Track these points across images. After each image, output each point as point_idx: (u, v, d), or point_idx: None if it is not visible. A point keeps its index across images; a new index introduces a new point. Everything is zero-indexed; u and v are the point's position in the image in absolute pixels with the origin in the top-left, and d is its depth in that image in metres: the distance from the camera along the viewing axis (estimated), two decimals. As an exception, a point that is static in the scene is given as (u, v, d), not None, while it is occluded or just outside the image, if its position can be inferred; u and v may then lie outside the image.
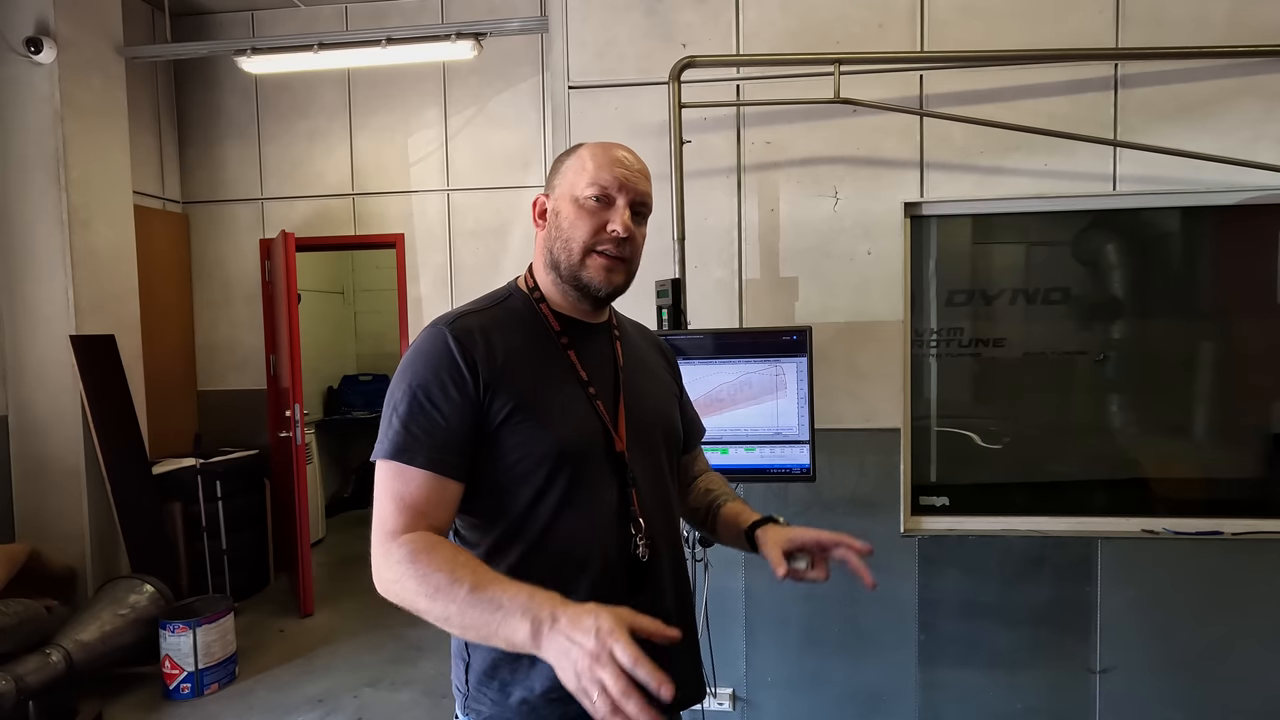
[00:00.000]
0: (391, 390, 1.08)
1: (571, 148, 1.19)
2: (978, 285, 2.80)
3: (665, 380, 1.34)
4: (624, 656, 0.76)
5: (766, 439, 2.19)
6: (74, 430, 3.72)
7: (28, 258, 3.71)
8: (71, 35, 3.73)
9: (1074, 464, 2.83)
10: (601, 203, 1.12)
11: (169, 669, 3.32)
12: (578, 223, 1.12)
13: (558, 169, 1.18)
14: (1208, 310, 2.77)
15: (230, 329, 4.89)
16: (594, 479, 1.10)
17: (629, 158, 1.16)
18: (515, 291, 1.20)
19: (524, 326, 1.15)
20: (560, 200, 1.15)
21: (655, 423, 1.23)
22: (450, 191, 4.64)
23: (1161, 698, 2.56)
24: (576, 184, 1.13)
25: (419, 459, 1.02)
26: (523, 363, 1.10)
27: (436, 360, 1.06)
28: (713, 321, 2.67)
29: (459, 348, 1.06)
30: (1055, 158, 2.53)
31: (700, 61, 2.50)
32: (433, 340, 1.08)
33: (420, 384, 1.05)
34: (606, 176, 1.12)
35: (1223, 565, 2.53)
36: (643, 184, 1.15)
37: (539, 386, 1.10)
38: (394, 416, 1.05)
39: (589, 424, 1.12)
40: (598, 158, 1.14)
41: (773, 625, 2.71)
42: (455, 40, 3.78)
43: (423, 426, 1.03)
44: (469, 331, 1.08)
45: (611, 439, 1.13)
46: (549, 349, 1.14)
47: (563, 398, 1.11)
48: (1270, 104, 2.46)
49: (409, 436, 1.02)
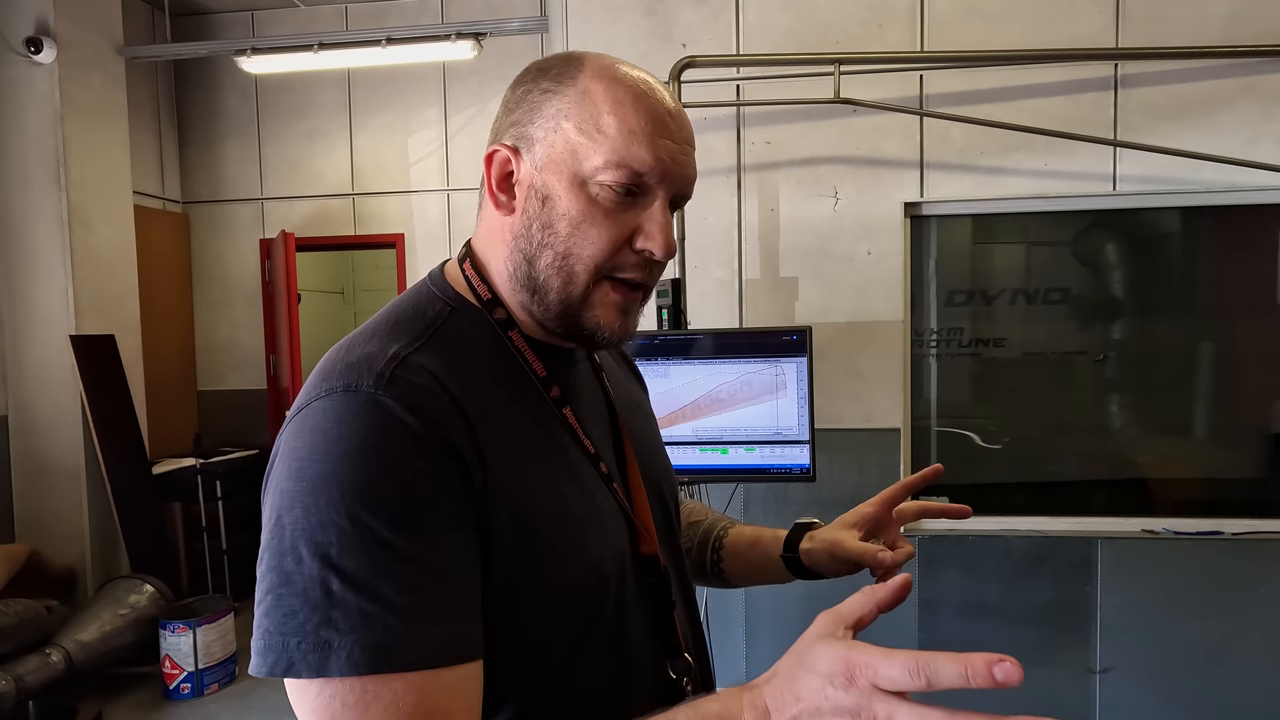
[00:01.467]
0: (295, 533, 0.56)
1: (560, 62, 0.69)
2: (978, 285, 2.80)
3: (648, 409, 0.94)
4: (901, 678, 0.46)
5: (766, 439, 2.19)
6: (74, 430, 3.72)
7: (28, 258, 3.71)
8: (71, 35, 3.73)
9: (1074, 464, 2.83)
10: (631, 196, 0.67)
11: (169, 669, 3.32)
12: (588, 228, 0.66)
13: (538, 105, 0.68)
14: (1208, 310, 2.76)
15: (230, 329, 4.89)
16: (629, 612, 0.71)
17: (673, 112, 0.69)
18: (457, 305, 0.71)
19: (491, 375, 0.68)
20: (553, 175, 0.67)
21: (666, 489, 0.86)
22: (450, 191, 4.64)
23: (1161, 698, 2.56)
24: (586, 152, 0.65)
25: (431, 649, 0.55)
26: (513, 447, 0.65)
27: (392, 452, 0.57)
28: (713, 321, 2.67)
29: (426, 426, 0.59)
30: (1055, 158, 2.53)
31: (700, 61, 2.50)
32: (370, 418, 0.58)
33: (377, 509, 0.56)
34: (644, 153, 0.65)
35: (1223, 565, 2.53)
36: (693, 164, 0.71)
37: (547, 484, 0.67)
38: (335, 586, 0.54)
39: (612, 526, 0.72)
40: (625, 110, 0.65)
41: (773, 625, 2.71)
42: (455, 40, 3.78)
43: (415, 587, 0.56)
44: (429, 398, 0.60)
45: (637, 538, 0.74)
46: (536, 413, 0.70)
47: (581, 496, 0.70)
48: (1270, 104, 2.46)
49: (394, 617, 0.54)
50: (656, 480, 0.83)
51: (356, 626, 0.54)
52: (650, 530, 0.75)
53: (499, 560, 0.62)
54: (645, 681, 0.72)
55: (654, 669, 0.73)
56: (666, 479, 0.87)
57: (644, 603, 0.73)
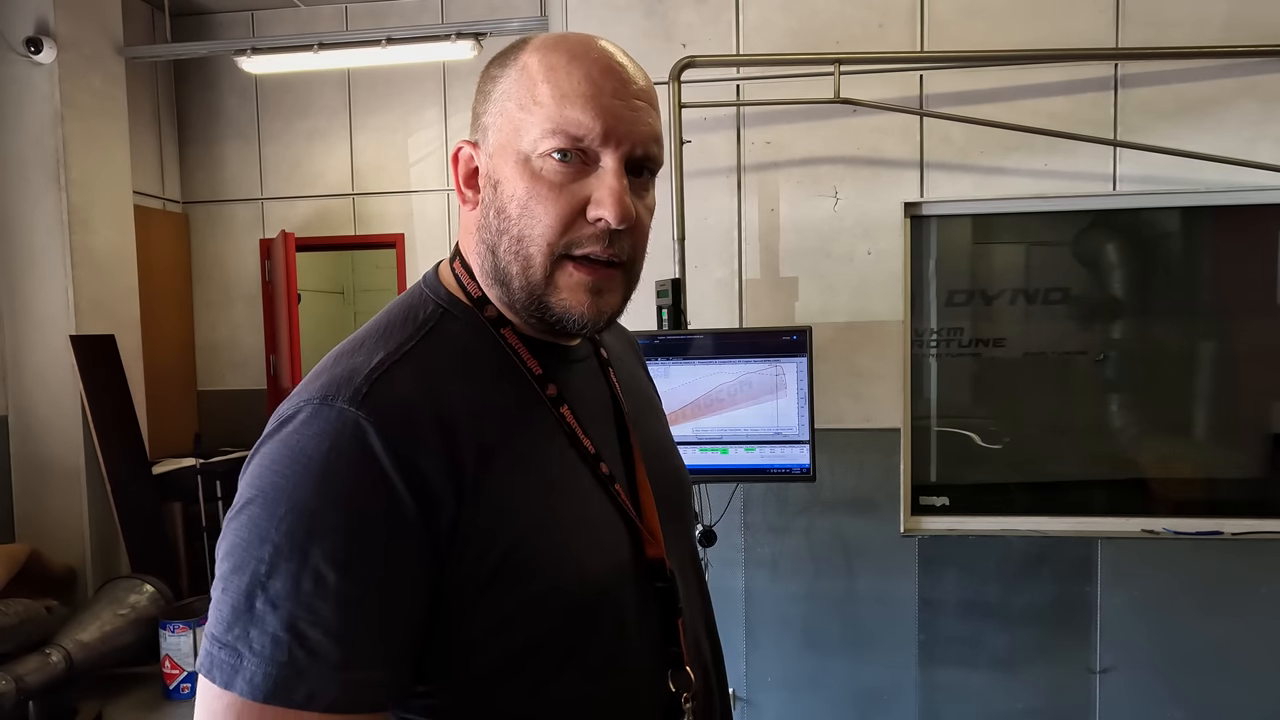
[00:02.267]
0: (243, 540, 0.56)
1: (510, 47, 0.67)
2: (978, 285, 2.80)
3: (660, 408, 0.90)
4: None
5: (766, 439, 2.19)
6: (74, 430, 3.72)
7: (28, 258, 3.71)
8: (71, 35, 3.73)
9: (1074, 464, 2.83)
10: (574, 162, 0.62)
11: (169, 669, 3.32)
12: (534, 205, 0.63)
13: (488, 93, 0.67)
14: (1208, 310, 2.76)
15: (230, 329, 4.89)
16: (627, 624, 0.68)
17: (621, 67, 0.64)
18: (449, 306, 0.69)
19: (484, 377, 0.66)
20: (500, 160, 0.64)
21: (677, 491, 0.82)
22: (450, 191, 4.64)
23: (1161, 698, 2.56)
24: (527, 127, 0.63)
25: (332, 694, 0.54)
26: (503, 455, 0.63)
27: (348, 483, 0.56)
28: (713, 321, 2.67)
29: (392, 454, 0.56)
30: (1055, 158, 2.53)
31: (700, 61, 2.50)
32: (336, 440, 0.56)
33: (319, 539, 0.54)
34: (579, 113, 0.61)
35: (1223, 565, 2.53)
36: (648, 119, 0.64)
37: (537, 495, 0.64)
38: (259, 603, 0.54)
39: (614, 536, 0.69)
40: (558, 74, 0.62)
41: (773, 625, 2.71)
42: (455, 40, 3.78)
43: (332, 628, 0.54)
44: (406, 415, 0.59)
45: (641, 544, 0.71)
46: (531, 414, 0.67)
47: (574, 503, 0.67)
48: (1270, 104, 2.46)
49: (302, 652, 0.53)
50: (667, 482, 0.80)
51: (266, 650, 0.53)
52: (656, 533, 0.72)
53: (475, 581, 0.60)
54: (645, 694, 0.70)
55: (655, 680, 0.70)
56: (678, 480, 0.84)
57: (648, 610, 0.70)
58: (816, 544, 2.67)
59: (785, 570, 2.69)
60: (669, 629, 0.71)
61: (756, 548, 2.69)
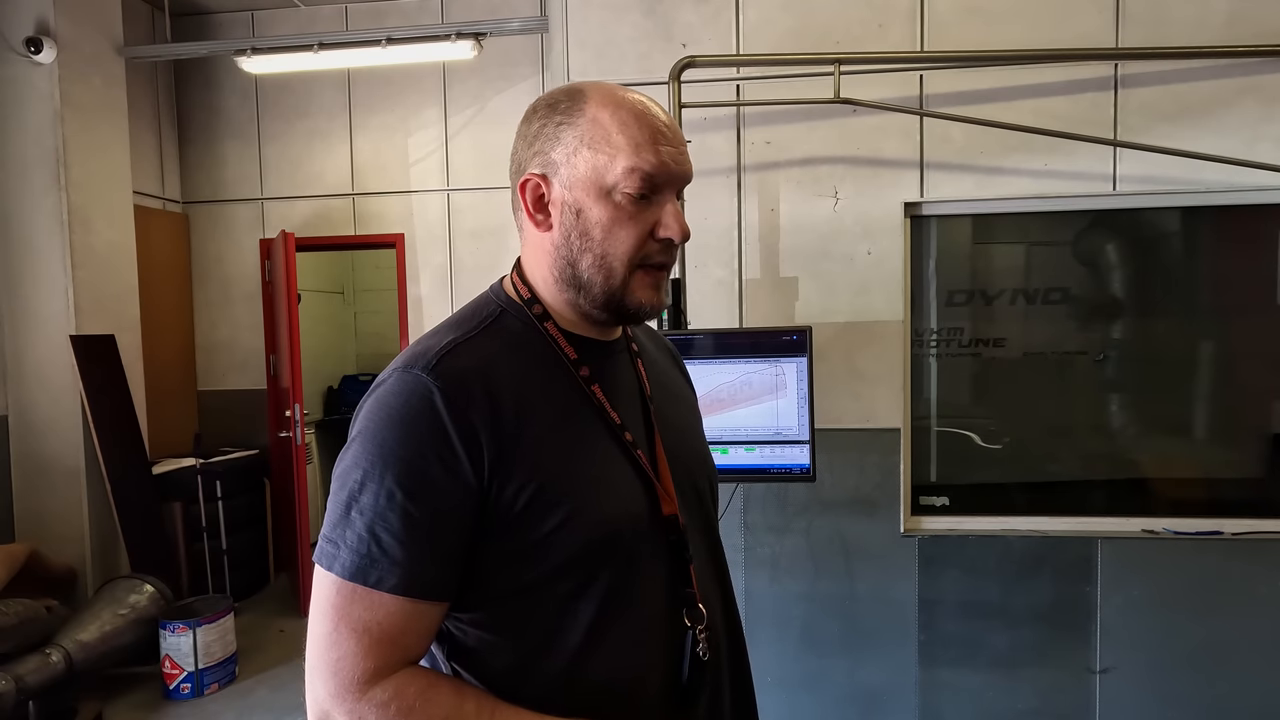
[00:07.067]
0: (347, 465, 0.78)
1: (567, 96, 0.85)
2: (978, 285, 2.80)
3: (691, 402, 1.09)
4: None
5: (766, 439, 2.19)
6: (74, 430, 3.72)
7: (28, 258, 3.71)
8: (71, 35, 3.74)
9: (1074, 464, 2.83)
10: (646, 199, 0.82)
11: (169, 669, 3.32)
12: (618, 230, 0.82)
13: (557, 135, 0.83)
14: (1208, 310, 2.76)
15: (230, 329, 4.89)
16: (642, 563, 0.85)
17: (667, 123, 0.84)
18: (507, 306, 0.89)
19: (530, 359, 0.85)
20: (581, 192, 0.82)
21: (697, 467, 0.98)
22: (450, 191, 4.64)
23: (1161, 698, 2.56)
24: (606, 168, 0.81)
25: (392, 581, 0.75)
26: (541, 418, 0.81)
27: (417, 430, 0.76)
28: (713, 321, 2.67)
29: (451, 410, 0.76)
30: (1055, 158, 2.53)
31: (700, 61, 2.50)
32: (411, 397, 0.77)
33: (393, 468, 0.75)
34: (651, 159, 0.81)
35: (1223, 565, 2.53)
36: (689, 160, 0.85)
37: (566, 450, 0.82)
38: (353, 511, 0.76)
39: (632, 490, 0.86)
40: (630, 128, 0.81)
41: (773, 625, 2.71)
42: (455, 40, 3.78)
43: (397, 533, 0.75)
44: (463, 382, 0.78)
45: (658, 501, 0.87)
46: (567, 389, 0.86)
47: (597, 459, 0.84)
48: (1270, 104, 2.46)
49: (376, 548, 0.75)
50: (687, 459, 0.96)
51: (352, 545, 0.75)
52: (670, 493, 0.88)
53: (511, 515, 0.78)
54: (660, 624, 0.86)
55: (669, 615, 0.86)
56: (699, 458, 1.01)
57: (661, 557, 0.87)
58: (816, 544, 2.67)
59: (785, 570, 2.69)
60: (682, 573, 0.88)
61: (757, 548, 2.69)
